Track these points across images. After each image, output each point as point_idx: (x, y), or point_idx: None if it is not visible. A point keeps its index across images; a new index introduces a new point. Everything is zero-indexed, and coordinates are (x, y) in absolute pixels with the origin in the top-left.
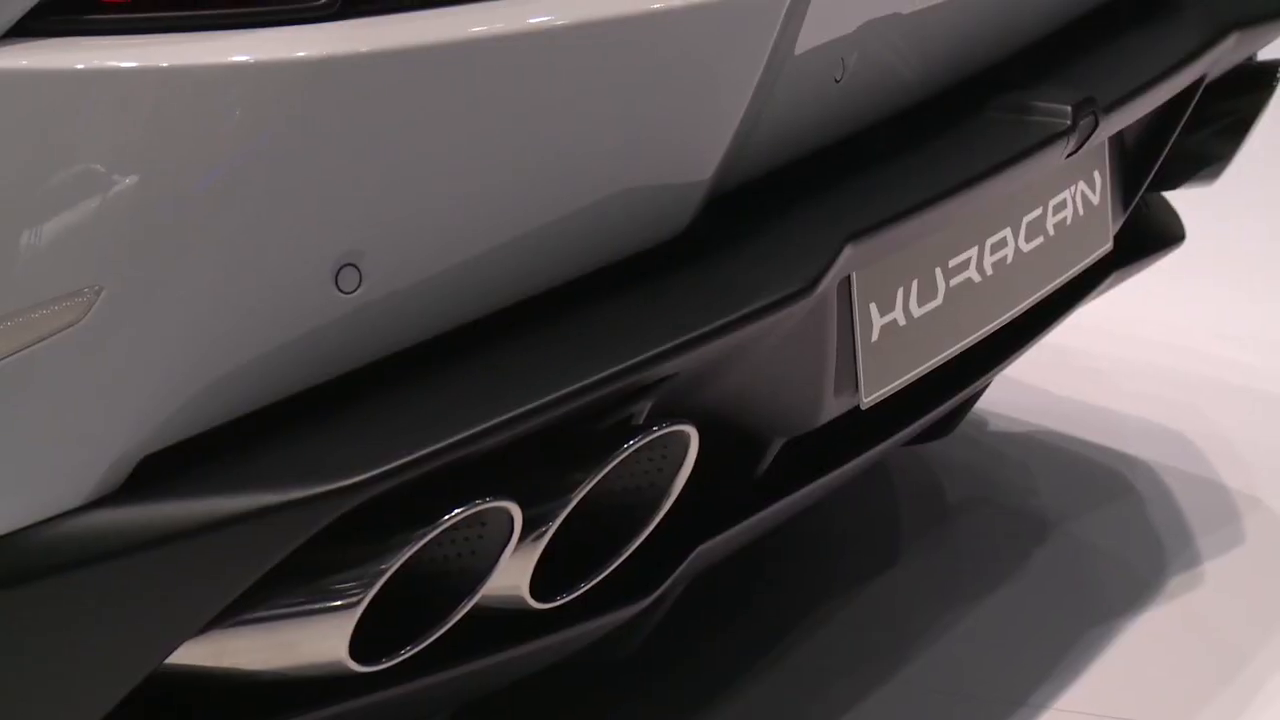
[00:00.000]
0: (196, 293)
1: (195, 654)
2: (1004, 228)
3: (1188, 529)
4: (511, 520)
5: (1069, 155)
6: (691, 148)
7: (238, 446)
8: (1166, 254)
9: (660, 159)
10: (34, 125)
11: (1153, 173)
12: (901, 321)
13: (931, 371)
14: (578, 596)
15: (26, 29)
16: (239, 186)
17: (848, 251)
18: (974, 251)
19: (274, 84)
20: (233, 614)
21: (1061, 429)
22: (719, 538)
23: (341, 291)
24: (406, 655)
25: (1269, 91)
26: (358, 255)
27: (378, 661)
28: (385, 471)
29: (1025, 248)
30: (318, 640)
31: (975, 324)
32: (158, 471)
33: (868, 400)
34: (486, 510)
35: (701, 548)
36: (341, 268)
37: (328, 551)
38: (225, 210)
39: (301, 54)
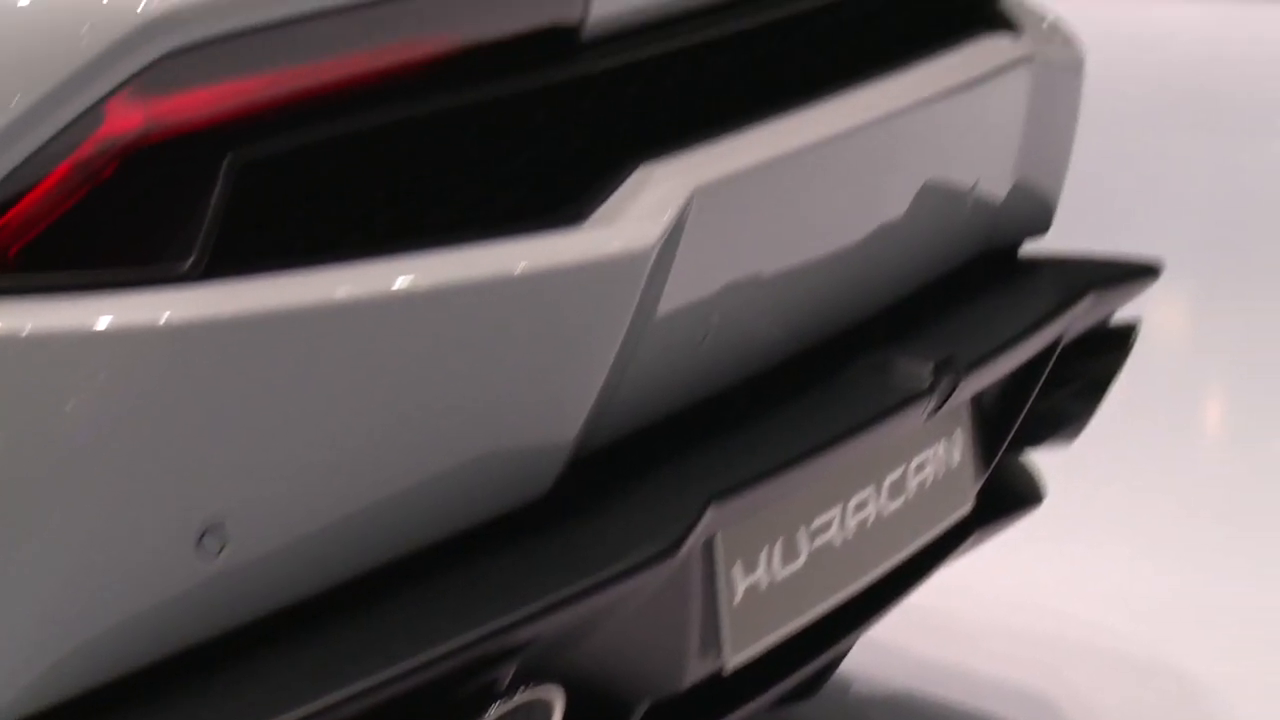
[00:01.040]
0: (53, 558)
1: None
2: (867, 487)
3: None
4: None
5: (930, 415)
6: (555, 411)
7: (89, 715)
8: (1027, 513)
9: (524, 422)
10: None
11: (1012, 433)
12: (765, 583)
13: (796, 633)
14: None
15: None
16: (98, 451)
17: (711, 513)
18: (837, 511)
19: (136, 349)
20: None
21: (924, 690)
22: None
23: (204, 556)
24: None
25: (1124, 352)
26: (221, 520)
27: None
28: None
29: (888, 508)
30: None
31: (839, 585)
32: None
33: (732, 663)
34: None
35: None
36: (204, 532)
37: None
38: (85, 475)
39: (164, 319)
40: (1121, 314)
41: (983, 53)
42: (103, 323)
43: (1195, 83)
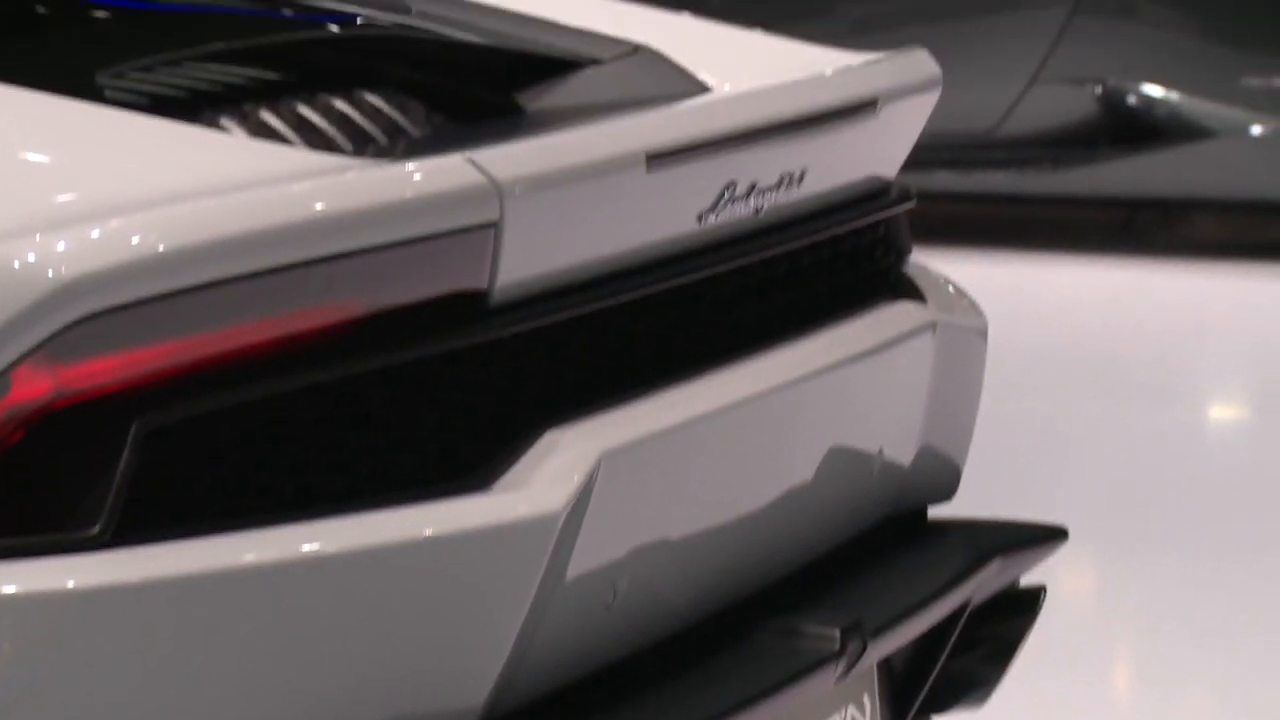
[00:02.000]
0: None
1: None
2: None
3: None
4: None
5: (839, 679)
6: (464, 675)
7: None
8: None
9: (433, 686)
10: None
11: (921, 696)
12: None
13: None
14: None
15: None
16: (6, 717)
17: None
18: None
19: (42, 615)
20: None
21: None
22: None
23: None
24: None
25: (1032, 616)
26: None
27: None
28: None
29: None
30: None
31: None
32: None
33: None
34: None
35: None
36: None
37: None
38: None
39: (70, 584)
40: (1029, 577)
41: (888, 319)
42: (8, 589)
43: (1097, 348)
